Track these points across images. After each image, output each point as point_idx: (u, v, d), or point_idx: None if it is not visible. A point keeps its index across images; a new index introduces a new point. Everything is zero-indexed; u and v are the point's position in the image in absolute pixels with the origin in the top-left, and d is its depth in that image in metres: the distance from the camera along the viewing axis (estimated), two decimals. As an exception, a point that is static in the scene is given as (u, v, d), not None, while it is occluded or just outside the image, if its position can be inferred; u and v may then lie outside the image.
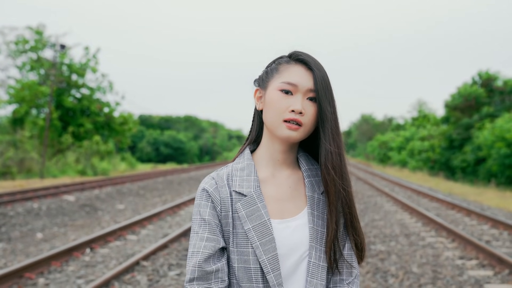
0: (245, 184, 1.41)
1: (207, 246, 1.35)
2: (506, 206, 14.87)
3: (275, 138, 1.44)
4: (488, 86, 31.46)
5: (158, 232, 9.57)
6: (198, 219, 1.39)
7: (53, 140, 30.25)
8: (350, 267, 1.46)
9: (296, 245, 1.39)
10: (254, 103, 1.51)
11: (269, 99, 1.41)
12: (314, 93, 1.40)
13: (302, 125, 1.38)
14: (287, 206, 1.43)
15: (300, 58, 1.43)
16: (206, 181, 1.44)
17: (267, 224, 1.36)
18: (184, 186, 20.80)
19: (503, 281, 6.28)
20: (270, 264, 1.34)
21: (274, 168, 1.47)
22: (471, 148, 28.21)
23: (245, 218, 1.37)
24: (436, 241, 8.90)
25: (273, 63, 1.48)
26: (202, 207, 1.40)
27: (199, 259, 1.33)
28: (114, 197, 15.48)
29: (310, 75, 1.41)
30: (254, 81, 1.52)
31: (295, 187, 1.46)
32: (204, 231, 1.37)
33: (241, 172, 1.44)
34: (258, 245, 1.34)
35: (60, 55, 31.47)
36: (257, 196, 1.39)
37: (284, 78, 1.40)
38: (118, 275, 6.12)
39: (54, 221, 10.74)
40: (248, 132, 1.55)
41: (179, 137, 67.40)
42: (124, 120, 35.96)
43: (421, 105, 57.27)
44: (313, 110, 1.40)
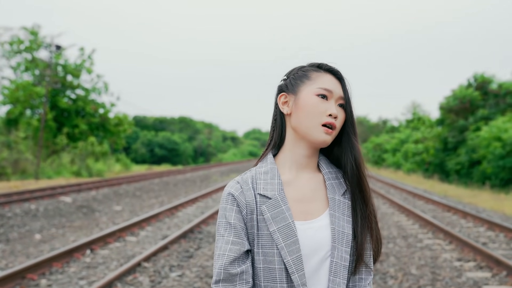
0: (269, 187, 1.46)
1: (233, 249, 1.40)
2: (500, 208, 14.99)
3: (303, 141, 1.50)
4: (483, 89, 31.64)
5: (157, 233, 9.59)
6: (224, 223, 1.45)
7: (47, 141, 30.16)
8: (368, 267, 1.52)
9: (319, 246, 1.44)
10: (277, 108, 1.56)
11: (305, 103, 1.48)
12: (343, 100, 1.51)
13: (334, 129, 1.47)
14: (309, 208, 1.49)
15: (330, 69, 1.53)
16: (232, 185, 1.49)
17: (291, 226, 1.42)
18: (180, 187, 20.81)
19: (501, 283, 6.35)
20: (295, 264, 1.39)
21: (296, 171, 1.52)
22: (466, 151, 28.38)
23: (270, 220, 1.42)
24: (433, 243, 8.97)
25: (298, 71, 1.55)
26: (228, 211, 1.45)
27: (225, 262, 1.39)
28: (111, 199, 15.48)
29: (339, 84, 1.52)
30: (278, 86, 1.58)
31: (317, 189, 1.52)
32: (230, 234, 1.42)
33: (265, 176, 1.49)
34: (283, 246, 1.40)
35: (55, 55, 31.38)
36: (281, 199, 1.45)
37: (320, 84, 1.49)
38: (121, 276, 6.14)
39: (52, 222, 10.74)
40: (270, 136, 1.59)
41: (174, 138, 67.31)
42: (119, 121, 35.88)
43: (415, 107, 57.45)
44: (343, 116, 1.51)
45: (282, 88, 1.56)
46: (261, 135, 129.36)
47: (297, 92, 1.51)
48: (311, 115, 1.46)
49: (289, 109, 1.52)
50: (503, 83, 31.43)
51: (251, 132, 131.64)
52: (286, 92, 1.54)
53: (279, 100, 1.54)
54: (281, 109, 1.54)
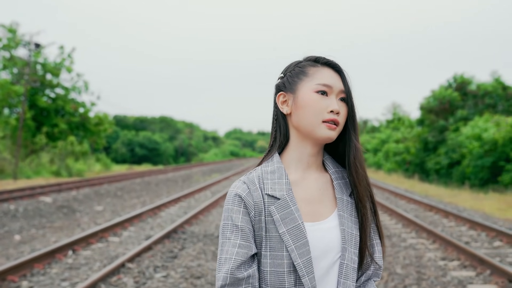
0: (277, 187, 1.41)
1: (240, 253, 1.35)
2: (480, 208, 15.17)
3: (308, 140, 1.45)
4: (462, 89, 32.05)
5: (140, 233, 9.47)
6: (230, 225, 1.38)
7: (26, 141, 29.66)
8: (378, 265, 1.50)
9: (329, 248, 1.40)
10: (276, 108, 1.51)
11: (305, 101, 1.42)
12: (344, 94, 1.45)
13: (338, 125, 1.42)
14: (318, 209, 1.44)
15: (328, 62, 1.47)
16: (238, 186, 1.43)
17: (301, 227, 1.37)
18: (162, 187, 20.64)
19: (485, 282, 6.40)
20: (305, 267, 1.34)
21: (303, 171, 1.47)
22: (445, 151, 28.71)
23: (279, 221, 1.37)
24: (417, 242, 9.02)
25: (295, 67, 1.49)
26: (235, 213, 1.39)
27: (232, 266, 1.33)
28: (92, 199, 15.28)
29: (338, 77, 1.45)
30: (275, 86, 1.52)
31: (324, 189, 1.48)
32: (237, 238, 1.36)
33: (272, 175, 1.43)
34: (293, 248, 1.35)
35: (34, 54, 30.88)
36: (290, 199, 1.39)
37: (318, 80, 1.42)
38: (104, 277, 6.04)
39: (31, 223, 10.54)
40: (272, 137, 1.53)
41: (154, 138, 66.83)
42: (99, 121, 35.47)
43: (395, 107, 57.93)
44: (345, 110, 1.45)
45: (279, 87, 1.50)
46: (242, 135, 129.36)
47: (295, 91, 1.45)
48: (312, 114, 1.40)
49: (289, 109, 1.46)
50: (482, 84, 31.89)
51: (232, 132, 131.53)
52: (284, 91, 1.48)
53: (278, 100, 1.49)
54: (280, 109, 1.48)
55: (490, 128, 24.15)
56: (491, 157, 23.39)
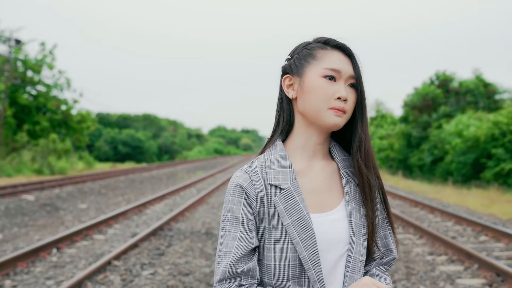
0: (281, 177, 1.34)
1: (240, 246, 1.28)
2: (464, 203, 15.30)
3: (314, 127, 1.37)
4: (445, 87, 32.34)
5: (126, 231, 9.34)
6: (231, 217, 1.32)
7: (7, 138, 29.19)
8: (393, 256, 1.47)
9: (336, 240, 1.34)
10: (282, 91, 1.43)
11: (311, 86, 1.34)
12: (354, 79, 1.37)
13: (346, 112, 1.34)
14: (324, 199, 1.37)
15: (338, 45, 1.38)
16: (239, 176, 1.36)
17: (307, 218, 1.30)
18: (146, 185, 20.47)
19: (474, 276, 6.42)
20: (311, 260, 1.28)
21: (308, 159, 1.40)
22: (428, 147, 28.94)
23: (283, 212, 1.30)
24: (404, 237, 9.04)
25: (303, 49, 1.40)
26: (235, 204, 1.32)
27: (231, 260, 1.27)
28: (76, 196, 15.07)
29: (349, 61, 1.38)
30: (281, 68, 1.44)
31: (331, 178, 1.41)
32: (237, 230, 1.30)
33: (275, 164, 1.36)
34: (298, 241, 1.28)
35: (15, 50, 30.40)
36: (294, 189, 1.32)
37: (326, 64, 1.35)
38: (91, 275, 5.92)
39: (13, 221, 10.34)
40: (275, 122, 1.45)
41: (138, 136, 66.33)
42: (82, 118, 35.10)
43: (378, 105, 58.29)
44: (354, 97, 1.37)
45: (286, 70, 1.42)
46: (226, 133, 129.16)
47: (302, 74, 1.37)
48: (318, 100, 1.33)
49: (295, 93, 1.38)
50: (464, 82, 32.20)
51: (216, 130, 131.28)
52: (290, 74, 1.40)
53: (284, 83, 1.41)
54: (286, 93, 1.40)
55: (471, 125, 24.39)
56: (473, 153, 23.63)
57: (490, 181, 21.74)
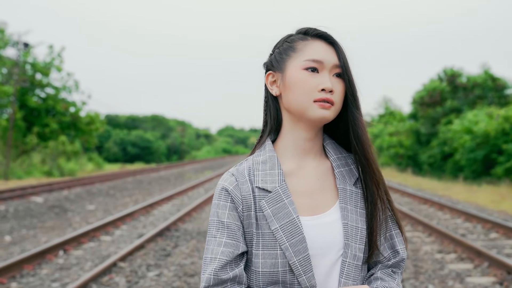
0: (269, 179, 1.27)
1: (225, 252, 1.22)
2: (474, 200, 15.15)
3: (301, 123, 1.30)
4: (453, 82, 32.10)
5: (133, 232, 9.33)
6: (216, 222, 1.26)
7: (17, 141, 29.36)
8: (400, 257, 1.35)
9: (330, 244, 1.26)
10: (267, 89, 1.37)
11: (293, 80, 1.27)
12: (340, 68, 1.29)
13: (333, 104, 1.26)
14: (317, 201, 1.30)
15: (319, 33, 1.31)
16: (225, 179, 1.30)
17: (296, 222, 1.23)
18: (154, 185, 20.49)
19: (483, 274, 6.33)
20: (302, 266, 1.22)
21: (299, 158, 1.33)
22: (438, 143, 28.72)
23: (271, 217, 1.24)
24: (413, 235, 8.95)
25: (284, 43, 1.34)
26: (221, 208, 1.27)
27: (216, 267, 1.21)
28: (84, 198, 15.10)
29: (332, 50, 1.30)
30: (263, 65, 1.38)
31: (324, 178, 1.33)
32: (223, 235, 1.24)
33: (263, 166, 1.30)
34: (287, 246, 1.22)
35: (23, 53, 30.56)
36: (283, 192, 1.26)
37: (307, 56, 1.28)
38: (96, 277, 5.90)
39: (22, 224, 10.37)
40: (264, 121, 1.39)
41: (147, 137, 66.54)
42: (90, 120, 35.22)
43: (387, 102, 57.99)
44: (342, 87, 1.29)
45: (268, 66, 1.36)
46: (234, 132, 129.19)
47: (283, 69, 1.30)
48: (301, 94, 1.26)
49: (278, 90, 1.32)
50: (471, 77, 31.95)
51: (224, 129, 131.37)
52: (272, 70, 1.34)
53: (267, 80, 1.35)
54: (270, 90, 1.34)
55: (481, 121, 24.15)
56: (483, 150, 23.40)
57: (501, 177, 21.52)
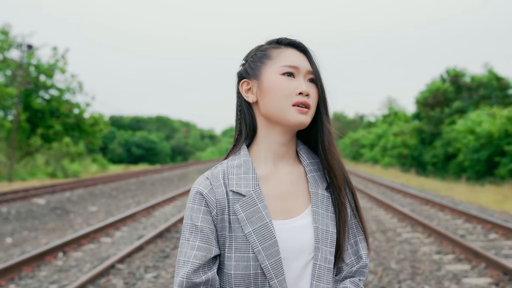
0: (243, 183, 1.30)
1: (198, 256, 1.25)
2: (476, 201, 15.13)
3: (277, 128, 1.34)
4: (456, 82, 32.02)
5: (133, 234, 9.37)
6: (190, 225, 1.29)
7: (21, 143, 29.50)
8: (363, 263, 1.40)
9: (301, 247, 1.29)
10: (240, 98, 1.40)
11: (271, 85, 1.31)
12: (313, 74, 1.35)
13: (310, 108, 1.31)
14: (290, 205, 1.33)
15: (291, 42, 1.37)
16: (200, 182, 1.33)
17: (269, 226, 1.26)
18: (157, 186, 20.54)
19: (480, 275, 6.33)
20: (274, 269, 1.24)
21: (273, 163, 1.36)
22: (441, 144, 28.66)
23: (244, 220, 1.27)
24: (412, 236, 8.95)
25: (257, 52, 1.38)
26: (195, 212, 1.29)
27: (188, 270, 1.24)
28: (86, 199, 15.17)
29: (304, 57, 1.36)
30: (237, 74, 1.41)
31: (297, 183, 1.37)
32: (196, 239, 1.27)
33: (238, 170, 1.33)
34: (260, 249, 1.24)
35: (27, 55, 30.70)
36: (257, 196, 1.29)
37: (283, 62, 1.32)
38: (93, 279, 5.94)
39: (24, 225, 10.43)
40: (237, 130, 1.42)
41: (151, 138, 66.71)
42: (94, 121, 35.34)
43: (391, 102, 57.93)
44: (315, 92, 1.34)
45: (242, 75, 1.39)
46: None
47: (259, 76, 1.34)
48: (280, 98, 1.30)
49: (255, 96, 1.35)
50: (475, 76, 31.86)
51: (229, 130, 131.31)
52: (247, 78, 1.37)
53: (241, 88, 1.38)
54: (245, 98, 1.37)
55: (484, 121, 24.08)
56: (487, 150, 23.34)
57: (504, 177, 21.45)
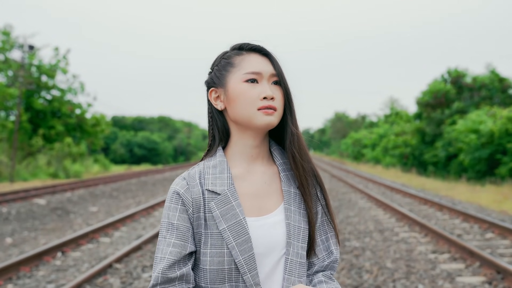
0: (218, 182, 1.37)
1: (173, 252, 1.31)
2: (476, 200, 15.15)
3: (248, 131, 1.40)
4: (457, 83, 32.00)
5: (132, 233, 9.44)
6: (166, 223, 1.35)
7: (23, 143, 29.61)
8: (334, 258, 1.46)
9: (274, 243, 1.36)
10: (210, 105, 1.46)
11: (236, 93, 1.38)
12: (277, 77, 1.40)
13: (276, 109, 1.37)
14: (263, 203, 1.40)
15: (253, 47, 1.42)
16: (177, 182, 1.39)
17: (243, 223, 1.33)
18: (158, 187, 20.62)
19: (474, 274, 6.37)
20: (247, 264, 1.31)
21: (247, 164, 1.43)
22: (442, 144, 28.66)
23: (219, 217, 1.33)
24: (409, 236, 8.99)
25: (221, 60, 1.44)
26: (172, 211, 1.36)
27: (164, 266, 1.30)
28: (87, 200, 15.24)
29: (267, 60, 1.41)
30: (204, 83, 1.48)
31: (271, 182, 1.43)
32: (172, 236, 1.33)
33: (214, 170, 1.39)
34: (234, 245, 1.31)
35: (29, 56, 30.81)
36: (231, 194, 1.35)
37: (245, 69, 1.38)
38: (90, 278, 6.00)
39: (24, 226, 10.50)
40: (210, 135, 1.48)
41: (153, 138, 66.81)
42: (96, 122, 35.45)
43: (393, 102, 57.93)
44: (281, 93, 1.40)
45: (209, 84, 1.46)
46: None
47: (225, 84, 1.40)
48: (245, 104, 1.36)
49: (223, 104, 1.42)
50: (477, 77, 31.82)
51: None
52: (214, 86, 1.44)
53: (210, 96, 1.44)
54: (214, 105, 1.44)
55: (487, 121, 24.08)
56: (488, 149, 23.34)
57: (505, 177, 21.46)
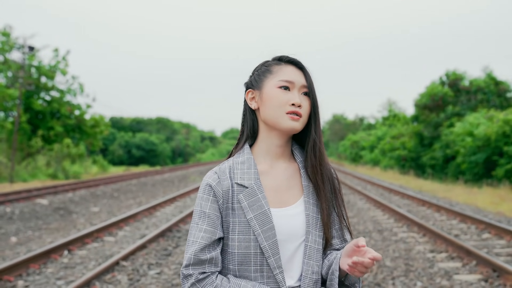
0: (246, 177, 1.57)
1: (204, 237, 1.51)
2: (473, 202, 15.34)
3: (275, 132, 1.61)
4: (455, 86, 32.25)
5: (135, 233, 9.60)
6: (199, 211, 1.55)
7: (22, 144, 29.71)
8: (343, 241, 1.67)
9: (294, 231, 1.56)
10: (246, 104, 1.68)
11: (269, 96, 1.59)
12: (307, 88, 1.61)
13: (301, 116, 1.57)
14: (285, 196, 1.60)
15: (291, 60, 1.64)
16: (209, 176, 1.59)
17: (267, 213, 1.53)
18: (158, 188, 20.76)
19: (471, 272, 6.56)
20: (271, 249, 1.51)
21: (271, 161, 1.64)
22: (440, 146, 28.89)
23: (247, 208, 1.53)
24: (408, 236, 9.18)
25: (262, 67, 1.66)
26: (204, 201, 1.56)
27: (196, 249, 1.49)
28: (88, 200, 15.39)
29: (301, 73, 1.62)
30: (244, 84, 1.70)
31: (292, 177, 1.64)
32: (203, 223, 1.53)
33: (242, 166, 1.60)
34: (259, 232, 1.51)
35: (29, 57, 30.93)
36: (257, 188, 1.56)
37: (281, 77, 1.59)
38: (99, 275, 6.17)
39: (28, 225, 10.65)
40: (241, 131, 1.71)
41: (151, 139, 66.93)
42: (95, 123, 35.55)
43: (391, 104, 58.15)
44: (308, 103, 1.61)
45: (248, 85, 1.68)
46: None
47: (261, 87, 1.62)
48: (276, 107, 1.56)
49: (256, 104, 1.63)
50: (474, 80, 32.07)
51: (229, 132, 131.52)
52: (252, 88, 1.65)
53: (247, 96, 1.66)
54: (249, 105, 1.65)
55: (482, 124, 24.32)
56: (485, 152, 23.56)
57: (501, 179, 21.68)
